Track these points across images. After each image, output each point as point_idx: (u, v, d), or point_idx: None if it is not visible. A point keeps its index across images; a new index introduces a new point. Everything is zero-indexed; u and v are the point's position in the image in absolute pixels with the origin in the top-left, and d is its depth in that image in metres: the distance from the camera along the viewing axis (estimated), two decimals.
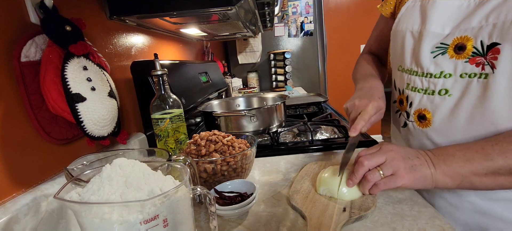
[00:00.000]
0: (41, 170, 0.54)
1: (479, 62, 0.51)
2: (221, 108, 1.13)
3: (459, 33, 0.53)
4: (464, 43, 0.52)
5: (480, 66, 0.51)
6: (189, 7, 0.75)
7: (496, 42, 0.49)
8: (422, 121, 0.60)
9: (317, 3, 2.54)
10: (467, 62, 0.52)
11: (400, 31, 0.63)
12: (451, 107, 0.55)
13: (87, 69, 0.58)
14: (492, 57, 0.49)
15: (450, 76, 0.55)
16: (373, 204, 0.51)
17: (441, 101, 0.56)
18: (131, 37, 0.92)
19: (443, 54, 0.55)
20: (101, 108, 0.59)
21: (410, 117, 0.63)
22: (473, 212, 0.57)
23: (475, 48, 0.51)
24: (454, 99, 0.55)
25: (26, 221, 0.46)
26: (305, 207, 0.53)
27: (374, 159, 0.53)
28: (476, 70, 0.52)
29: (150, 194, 0.33)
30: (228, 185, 0.59)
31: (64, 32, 0.55)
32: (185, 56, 1.53)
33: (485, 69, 0.50)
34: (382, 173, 0.52)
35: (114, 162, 0.35)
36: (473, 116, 0.53)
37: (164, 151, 0.53)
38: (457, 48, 0.53)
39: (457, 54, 0.54)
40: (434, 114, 0.58)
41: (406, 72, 0.63)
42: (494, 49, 0.49)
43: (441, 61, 0.56)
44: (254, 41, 2.57)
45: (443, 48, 0.55)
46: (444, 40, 0.55)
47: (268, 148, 0.88)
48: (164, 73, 0.71)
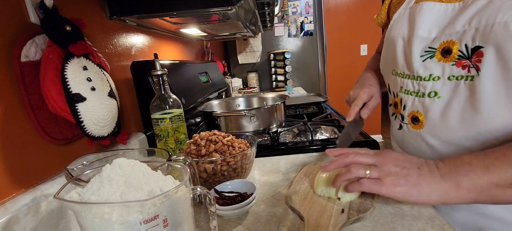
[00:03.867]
0: (41, 170, 0.54)
1: (465, 65, 0.52)
2: (221, 108, 1.13)
3: (445, 37, 0.54)
4: (450, 46, 0.54)
5: (466, 69, 0.52)
6: (189, 7, 0.75)
7: (479, 45, 0.49)
8: (415, 123, 0.62)
9: (317, 3, 2.54)
10: (454, 65, 0.53)
11: (392, 37, 0.65)
12: (442, 109, 0.56)
13: (87, 69, 0.58)
14: (476, 60, 0.50)
15: (438, 79, 0.56)
16: (372, 206, 0.51)
17: (431, 104, 0.57)
18: (131, 37, 0.92)
19: (431, 57, 0.56)
20: (101, 108, 0.59)
21: (404, 119, 0.64)
22: (470, 213, 0.57)
23: (461, 52, 0.52)
24: (443, 101, 0.56)
25: (26, 221, 0.46)
26: (303, 208, 0.53)
27: (363, 157, 0.52)
28: (462, 73, 0.53)
29: (150, 194, 0.33)
30: (228, 185, 0.59)
31: (64, 32, 0.55)
32: (185, 56, 1.53)
33: (471, 71, 0.51)
34: (369, 173, 0.50)
35: (114, 162, 0.35)
36: (464, 116, 0.53)
37: (164, 151, 0.53)
38: (444, 51, 0.54)
39: (444, 57, 0.55)
40: (426, 116, 0.59)
41: (399, 75, 0.64)
42: (478, 52, 0.50)
43: (429, 65, 0.57)
44: (254, 41, 2.57)
45: (431, 52, 0.56)
46: (431, 44, 0.56)
47: (268, 148, 0.88)
48: (164, 73, 0.71)
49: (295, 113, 1.31)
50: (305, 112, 1.30)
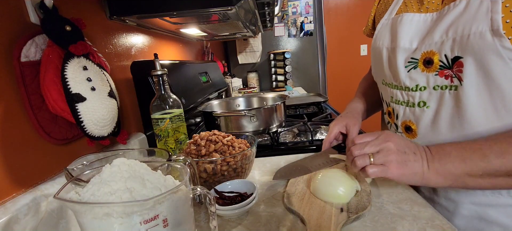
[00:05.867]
0: (41, 170, 0.54)
1: (448, 75, 0.53)
2: (221, 108, 1.13)
3: (425, 48, 0.55)
4: (431, 57, 0.54)
5: (449, 79, 0.53)
6: (189, 7, 0.75)
7: (459, 55, 0.50)
8: (409, 132, 0.62)
9: (317, 3, 2.54)
10: (437, 75, 0.54)
11: (378, 48, 0.65)
12: (431, 118, 0.57)
13: (87, 69, 0.58)
14: (458, 70, 0.51)
15: (425, 89, 0.56)
16: (369, 203, 0.51)
17: (421, 113, 0.58)
18: (131, 37, 0.92)
19: (415, 68, 0.57)
20: (101, 108, 0.59)
21: (398, 128, 0.65)
22: (470, 218, 0.58)
23: (441, 62, 0.53)
24: (432, 111, 0.56)
25: (26, 221, 0.46)
26: (302, 209, 0.52)
27: (367, 147, 0.52)
28: (446, 83, 0.53)
29: (150, 194, 0.33)
30: (228, 185, 0.59)
31: (64, 32, 0.55)
32: (185, 56, 1.53)
33: (454, 81, 0.52)
34: (373, 160, 0.51)
35: (114, 162, 0.35)
36: (453, 124, 0.54)
37: (164, 151, 0.53)
38: (426, 62, 0.55)
39: (427, 68, 0.55)
40: (418, 125, 0.59)
41: (388, 86, 0.65)
42: (458, 63, 0.50)
43: (414, 75, 0.57)
44: (254, 41, 2.56)
45: (414, 63, 0.57)
46: (413, 55, 0.57)
47: (268, 148, 0.88)
48: (164, 73, 0.71)
49: (295, 114, 1.31)
50: (305, 112, 1.30)
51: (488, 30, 0.46)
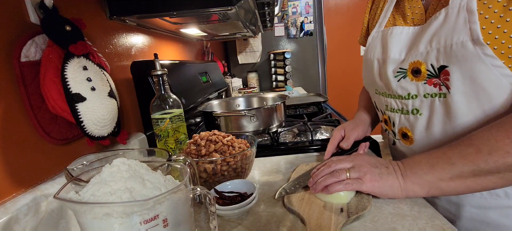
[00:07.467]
0: (41, 170, 0.54)
1: (436, 83, 0.54)
2: (221, 108, 1.13)
3: (412, 58, 0.56)
4: (418, 67, 0.55)
5: (437, 87, 0.54)
6: (189, 7, 0.75)
7: (444, 64, 0.51)
8: (406, 139, 0.64)
9: (317, 3, 2.54)
10: (426, 83, 0.55)
11: (369, 60, 0.67)
12: (425, 125, 0.58)
13: (87, 69, 0.58)
14: (445, 79, 0.52)
15: (416, 97, 0.58)
16: (369, 203, 0.51)
17: (415, 120, 0.59)
18: (131, 37, 0.92)
19: (404, 77, 0.58)
20: (101, 108, 0.59)
21: (396, 135, 0.66)
22: (471, 221, 0.58)
23: (429, 71, 0.54)
24: (425, 118, 0.58)
25: (26, 221, 0.46)
26: (302, 209, 0.53)
27: (341, 163, 0.56)
28: (435, 91, 0.55)
29: (150, 194, 0.33)
30: (228, 185, 0.59)
31: (64, 32, 0.55)
32: (185, 56, 1.53)
33: (442, 89, 0.53)
34: (349, 175, 0.54)
35: (114, 162, 0.35)
36: (446, 130, 0.55)
37: (164, 151, 0.53)
38: (414, 71, 0.56)
39: (415, 77, 0.57)
40: (413, 132, 0.61)
41: (382, 95, 0.66)
42: (444, 71, 0.52)
43: (405, 84, 0.59)
44: (254, 41, 2.56)
45: (403, 72, 0.58)
46: (401, 65, 0.58)
47: (268, 148, 0.88)
48: (164, 73, 0.71)
49: (295, 114, 1.31)
50: (305, 112, 1.30)
51: (469, 40, 0.47)
